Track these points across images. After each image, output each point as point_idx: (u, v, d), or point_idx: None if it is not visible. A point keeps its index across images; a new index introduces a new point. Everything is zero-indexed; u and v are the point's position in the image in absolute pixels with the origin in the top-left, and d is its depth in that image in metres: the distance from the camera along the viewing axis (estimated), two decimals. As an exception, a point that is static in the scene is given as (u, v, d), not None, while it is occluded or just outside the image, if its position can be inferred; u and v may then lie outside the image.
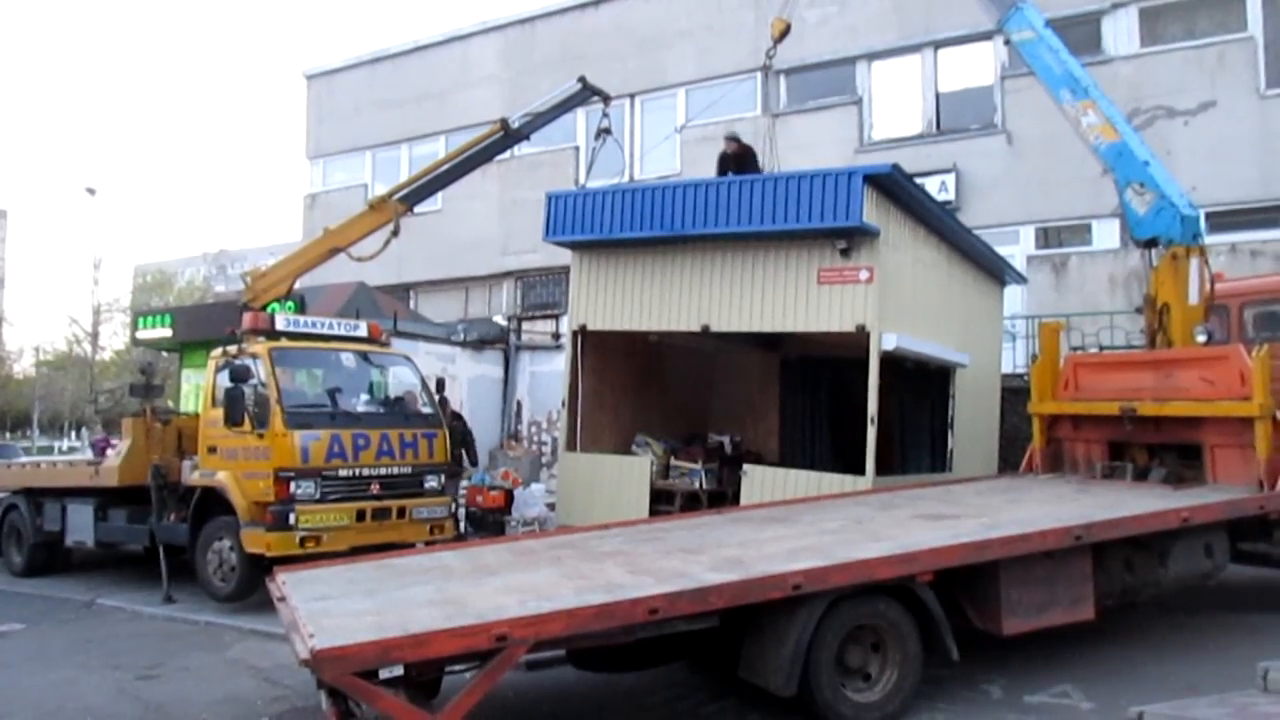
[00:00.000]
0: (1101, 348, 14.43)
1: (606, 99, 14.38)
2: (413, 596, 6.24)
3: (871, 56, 19.89)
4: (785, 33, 13.97)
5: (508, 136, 13.53)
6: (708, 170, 18.97)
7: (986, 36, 18.03)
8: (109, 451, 12.78)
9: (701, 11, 21.73)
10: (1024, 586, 7.15)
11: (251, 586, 10.27)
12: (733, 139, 13.51)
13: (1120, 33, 17.80)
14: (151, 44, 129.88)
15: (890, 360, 10.68)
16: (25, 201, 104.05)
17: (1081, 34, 17.34)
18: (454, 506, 12.11)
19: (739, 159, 13.28)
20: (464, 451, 13.73)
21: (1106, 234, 17.50)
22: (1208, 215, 13.87)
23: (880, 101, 19.89)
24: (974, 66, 19.03)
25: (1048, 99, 11.32)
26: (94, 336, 42.97)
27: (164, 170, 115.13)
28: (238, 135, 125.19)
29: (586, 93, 14.17)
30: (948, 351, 12.32)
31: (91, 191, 46.05)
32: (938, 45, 19.28)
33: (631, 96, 22.02)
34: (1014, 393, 14.57)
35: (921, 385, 12.65)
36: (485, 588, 6.38)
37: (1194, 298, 10.04)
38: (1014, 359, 16.63)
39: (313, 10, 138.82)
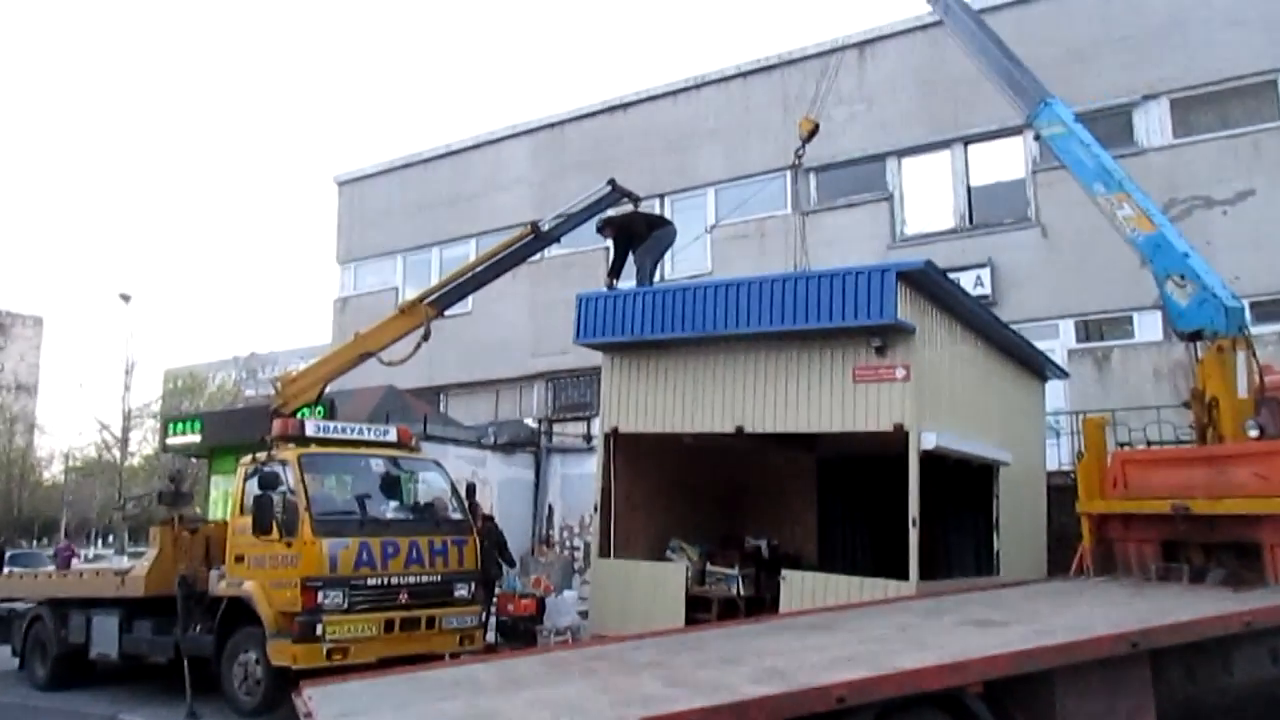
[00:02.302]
0: (1149, 443, 14.23)
1: (636, 200, 14.70)
2: (443, 711, 6.17)
3: (901, 153, 20.25)
4: (814, 132, 14.30)
5: (538, 239, 13.85)
6: (740, 269, 19.37)
7: (1016, 131, 18.33)
8: (74, 561, 12.82)
9: (730, 111, 22.33)
10: (1080, 697, 6.92)
11: (277, 701, 10.15)
12: (603, 224, 13.88)
13: (1152, 124, 18.03)
14: (185, 153, 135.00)
15: (930, 459, 10.60)
16: (61, 308, 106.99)
17: (1112, 126, 17.58)
18: (484, 615, 12.01)
19: (624, 237, 13.58)
20: (498, 553, 13.67)
21: (1149, 326, 17.43)
22: (1252, 305, 13.80)
23: (911, 197, 20.17)
24: (1005, 160, 19.30)
25: (1081, 191, 11.45)
26: (123, 442, 43.50)
27: (197, 275, 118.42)
28: (269, 240, 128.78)
29: (616, 194, 14.50)
30: (989, 449, 12.21)
31: (126, 298, 45.80)
32: (967, 141, 19.62)
33: (661, 196, 22.49)
34: (1060, 491, 14.35)
35: (964, 485, 12.52)
36: (517, 701, 6.30)
37: (1243, 390, 9.94)
38: (1059, 456, 16.41)
39: (343, 115, 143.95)
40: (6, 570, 18.41)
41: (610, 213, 14.64)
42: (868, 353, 10.71)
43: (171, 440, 20.74)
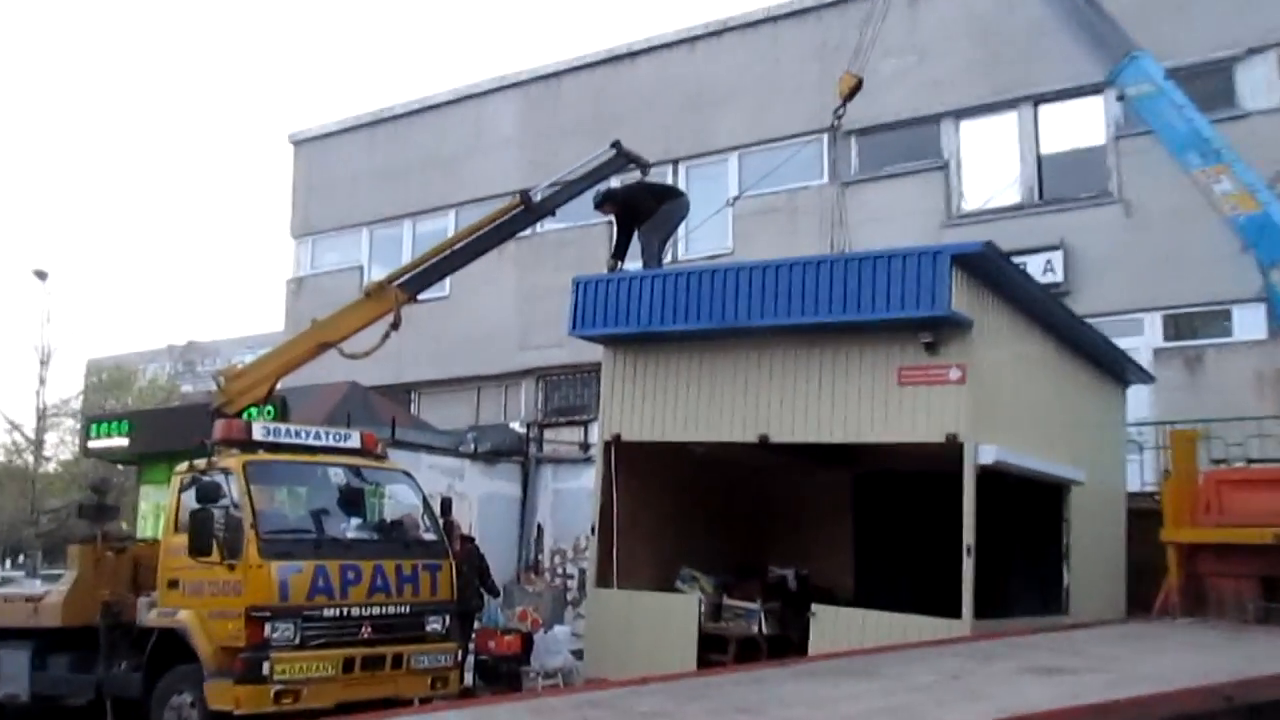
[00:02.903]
0: (1249, 461, 14.21)
1: (645, 167, 14.71)
2: (410, 766, 6.19)
3: (959, 114, 20.24)
4: (856, 89, 14.30)
5: (529, 212, 13.85)
6: (766, 250, 19.37)
7: (1096, 90, 18.29)
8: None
9: (757, 64, 22.35)
10: (1162, 760, 6.93)
11: (216, 751, 10.22)
12: (603, 197, 13.94)
13: (1257, 82, 17.98)
14: (111, 106, 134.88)
15: (989, 477, 10.63)
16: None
17: (1211, 86, 17.48)
18: (461, 654, 12.06)
19: (628, 212, 13.65)
20: (478, 581, 13.70)
21: (1250, 322, 17.40)
22: (1374, 300, 13.75)
23: (971, 166, 20.17)
24: (1082, 124, 19.29)
25: (1172, 161, 11.45)
26: (38, 445, 43.62)
27: (126, 249, 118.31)
28: (211, 210, 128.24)
29: (621, 160, 14.48)
30: (1058, 466, 12.23)
31: (42, 275, 45.14)
32: (1037, 100, 19.60)
33: (674, 163, 22.52)
34: (1142, 516, 14.34)
35: (1028, 508, 12.53)
36: (497, 756, 6.31)
37: (1361, 400, 9.95)
38: (1141, 474, 16.41)
39: (299, 63, 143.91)
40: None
41: (613, 182, 14.64)
42: (916, 350, 10.72)
43: (94, 444, 20.85)
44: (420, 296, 13.55)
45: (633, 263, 13.77)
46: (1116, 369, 15.06)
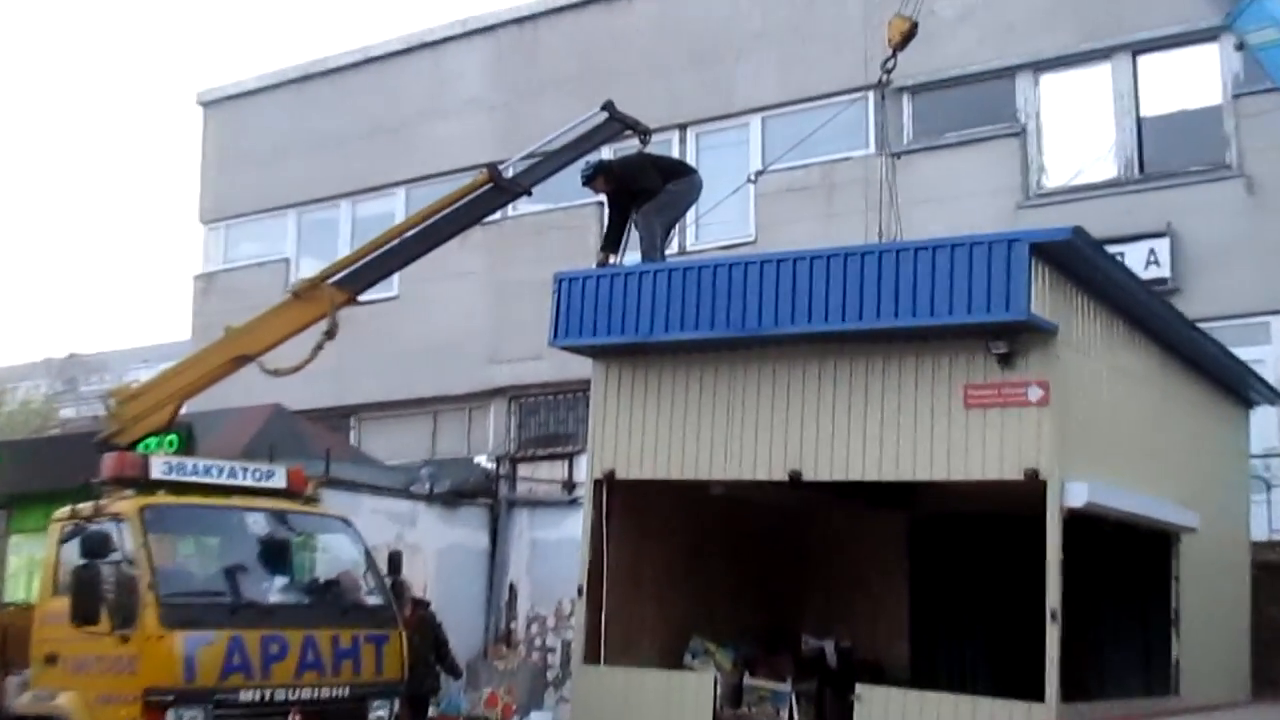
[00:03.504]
0: None
1: (645, 134, 14.77)
2: None
3: (1038, 66, 20.31)
4: (910, 36, 14.33)
5: (500, 190, 13.90)
6: (797, 238, 19.44)
7: (1210, 36, 18.36)
8: None
9: (785, 7, 22.43)
10: None
11: None
12: (593, 171, 13.93)
13: None
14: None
15: (1079, 523, 10.63)
16: None
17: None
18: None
19: (624, 191, 13.70)
20: (435, 656, 13.68)
21: (1405, 327, 17.48)
22: None
23: (1053, 132, 20.21)
24: (1192, 80, 19.34)
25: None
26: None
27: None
28: (97, 191, 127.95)
29: (615, 125, 14.57)
30: (1165, 508, 12.23)
31: None
32: (1136, 49, 19.66)
33: (681, 129, 22.63)
34: (1272, 571, 14.35)
35: (1126, 561, 12.54)
36: None
37: None
38: (1269, 518, 16.42)
39: (210, 7, 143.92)
40: None
41: (605, 154, 14.66)
42: (987, 364, 10.74)
43: (-48, 482, 20.76)
44: (362, 297, 13.56)
45: (630, 255, 13.81)
46: (1238, 386, 15.06)
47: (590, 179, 13.98)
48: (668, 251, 13.94)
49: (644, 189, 13.57)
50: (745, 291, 11.64)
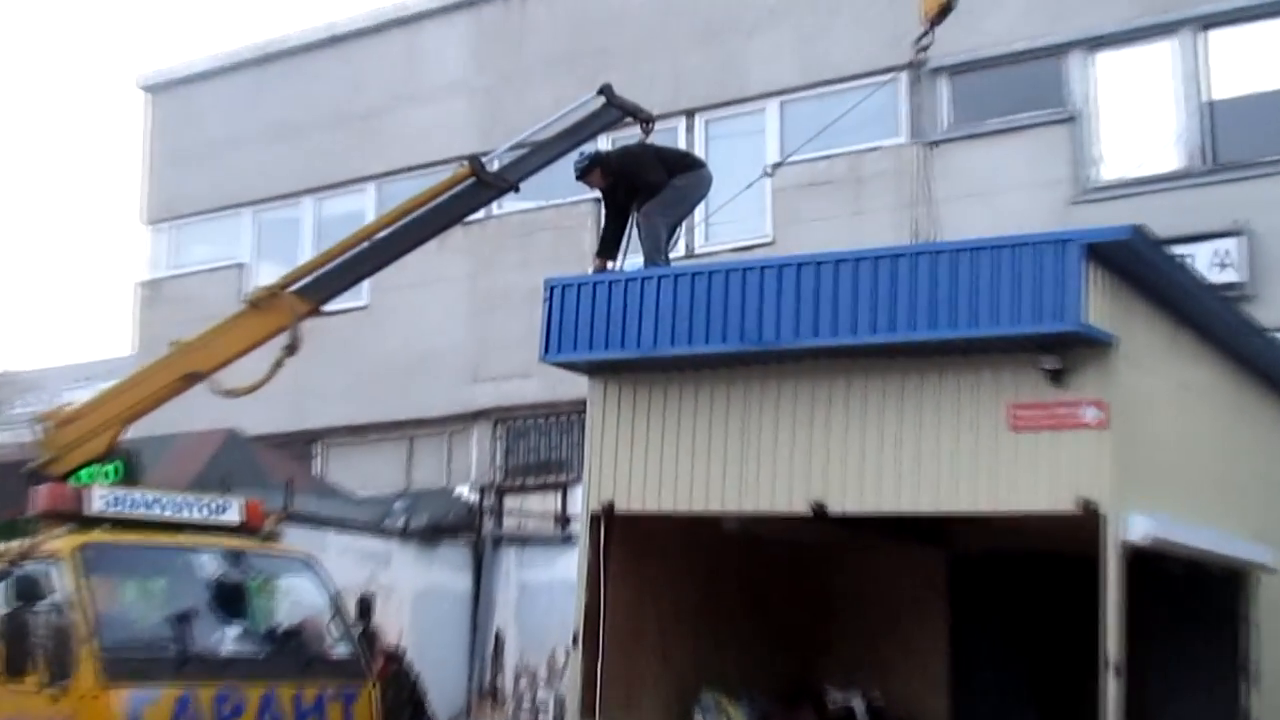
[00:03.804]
0: None
1: (647, 122, 14.80)
2: None
3: (1093, 43, 20.29)
4: (947, 9, 14.31)
5: (483, 185, 13.93)
6: (818, 239, 19.40)
7: (1285, 9, 18.40)
8: None
9: (805, -26, 22.46)
10: None
11: None
12: (588, 164, 13.93)
13: None
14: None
15: (1141, 561, 10.61)
16: None
17: None
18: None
19: (623, 187, 13.74)
20: (411, 714, 13.67)
21: None
22: None
23: (1109, 119, 20.18)
24: (1268, 58, 19.32)
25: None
26: None
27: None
28: (26, 187, 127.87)
29: (612, 112, 14.62)
30: (1239, 543, 12.19)
31: None
32: (1205, 23, 19.63)
33: (688, 116, 22.66)
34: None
35: (1195, 603, 12.50)
36: None
37: None
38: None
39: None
40: None
41: (602, 144, 14.67)
42: (1036, 381, 10.71)
43: None
44: (327, 307, 13.61)
45: (631, 258, 13.83)
46: (1321, 405, 15.05)
47: (585, 173, 13.98)
48: (673, 255, 13.91)
49: (646, 184, 13.57)
50: (762, 300, 11.60)
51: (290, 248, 25.31)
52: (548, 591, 17.69)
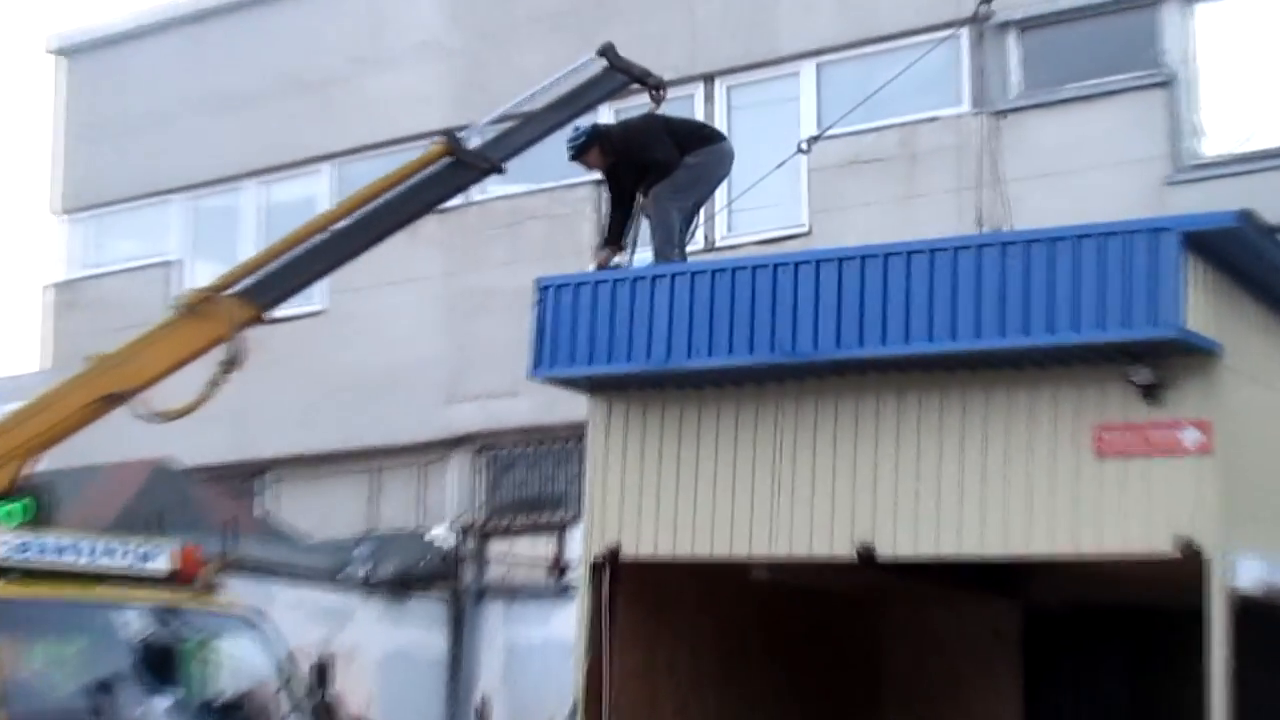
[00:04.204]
0: None
1: (657, 88, 14.75)
2: None
3: (1192, -8, 20.28)
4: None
5: (461, 166, 13.93)
6: (862, 228, 19.40)
7: None
8: None
9: (845, -88, 22.44)
10: None
11: None
12: (585, 140, 13.92)
13: None
14: None
15: (1254, 612, 10.58)
16: None
17: None
18: None
19: (628, 166, 13.77)
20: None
21: None
22: None
23: (1212, 82, 20.16)
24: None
25: None
26: None
27: None
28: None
29: (616, 77, 14.60)
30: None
31: None
32: (1326, -38, 19.61)
33: (707, 80, 22.62)
34: None
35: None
36: None
37: None
38: None
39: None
40: None
41: (603, 116, 14.63)
42: (1124, 398, 10.73)
43: None
44: (275, 312, 13.59)
45: (641, 253, 13.83)
46: None
47: (582, 151, 13.97)
48: (690, 248, 13.91)
49: (655, 163, 13.55)
50: (796, 302, 11.61)
51: (231, 241, 25.33)
52: (541, 653, 17.69)
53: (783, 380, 11.94)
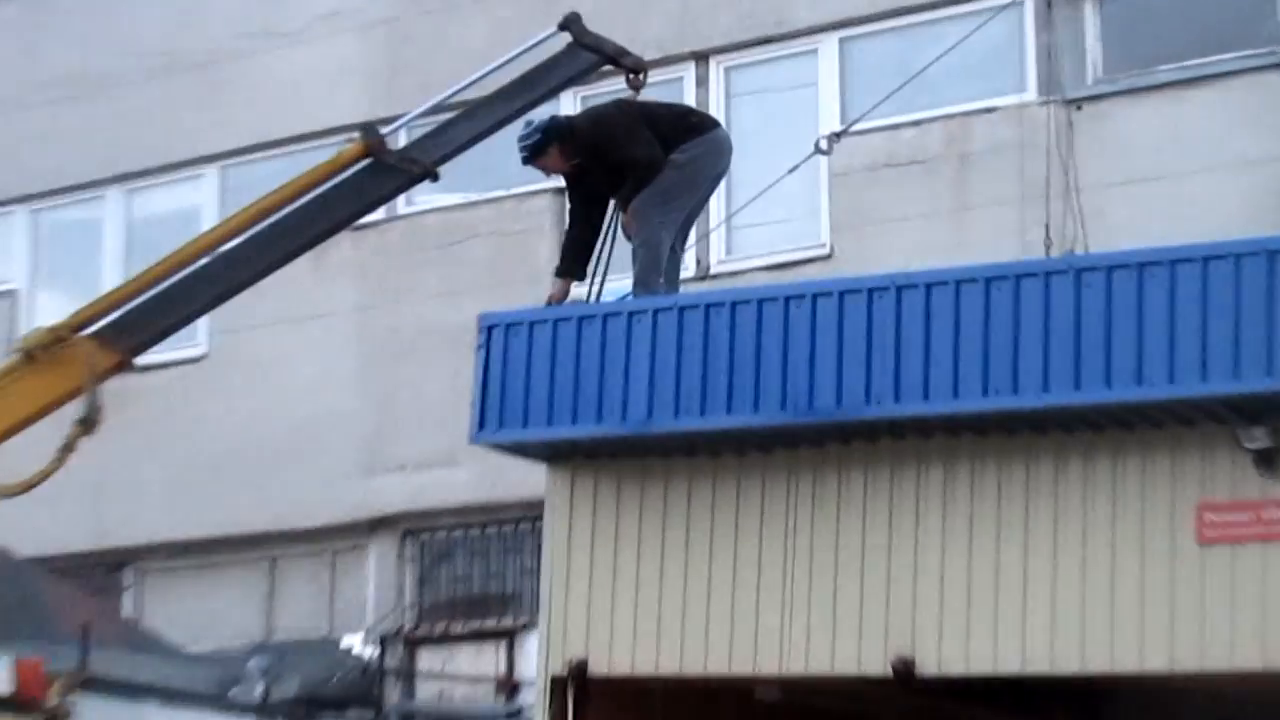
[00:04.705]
0: None
1: (635, 71, 14.76)
2: None
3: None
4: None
5: (383, 170, 13.92)
6: (902, 248, 19.45)
7: None
8: None
9: None
10: None
11: None
12: (542, 136, 13.91)
13: None
14: None
15: None
16: None
17: None
18: None
19: (593, 164, 13.83)
20: None
21: None
22: None
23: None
24: None
25: None
26: None
27: None
28: None
29: (581, 57, 14.58)
30: None
31: None
32: None
33: (699, 59, 22.73)
34: None
35: None
36: None
37: None
38: None
39: None
40: None
41: (564, 106, 14.64)
42: (1234, 468, 10.75)
43: None
44: (145, 358, 13.57)
45: (614, 285, 13.82)
46: None
47: (538, 150, 13.92)
48: (681, 276, 13.90)
49: (634, 163, 13.52)
50: (814, 345, 11.59)
51: (87, 266, 25.32)
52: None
53: (797, 447, 11.92)
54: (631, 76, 14.67)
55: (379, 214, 17.11)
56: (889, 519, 11.62)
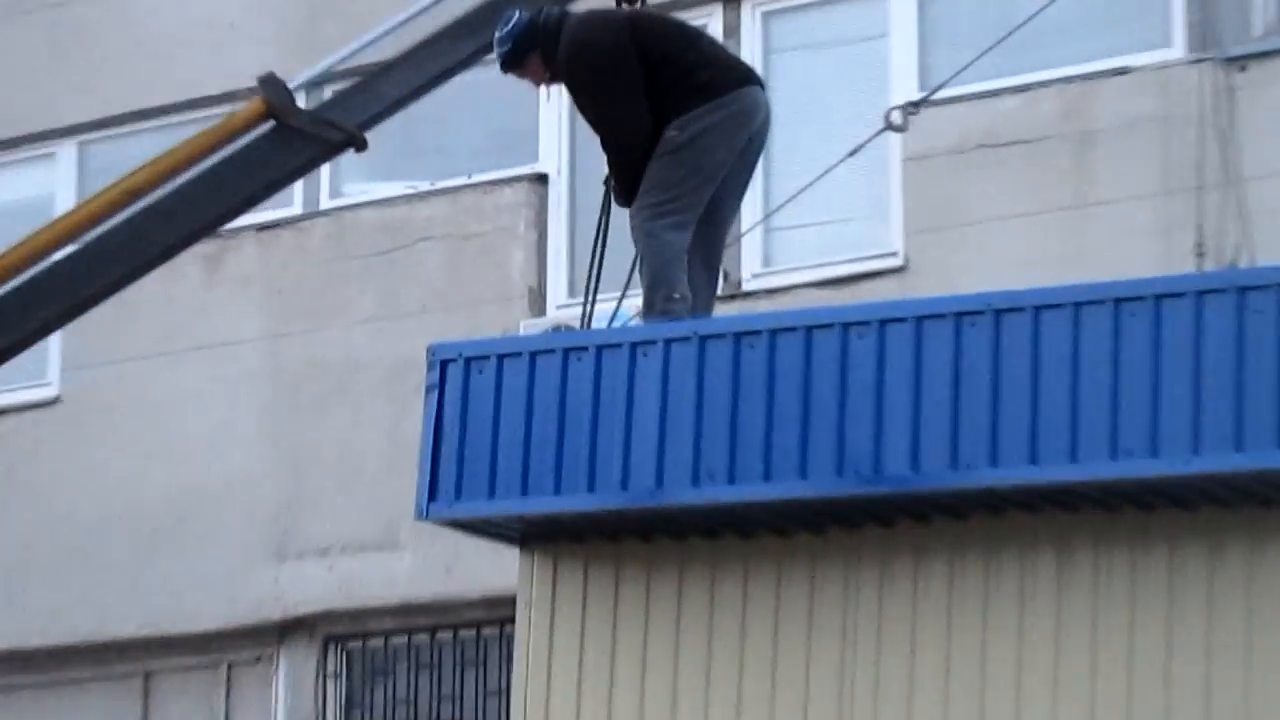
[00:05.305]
0: None
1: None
2: None
3: None
4: None
5: (290, 137, 13.93)
6: (1003, 255, 19.49)
7: None
8: None
9: None
10: None
11: None
12: (519, 37, 13.53)
13: None
14: None
15: None
16: None
17: None
18: None
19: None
20: None
21: None
22: None
23: None
24: None
25: None
26: None
27: None
28: None
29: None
30: None
31: None
32: None
33: (729, 2, 22.68)
34: None
35: None
36: None
37: None
38: None
39: None
40: None
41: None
42: None
43: None
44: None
45: (607, 304, 13.85)
46: None
47: (510, 60, 13.67)
48: (716, 289, 13.89)
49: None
50: (881, 391, 11.66)
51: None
52: None
53: (858, 526, 11.96)
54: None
55: (295, 207, 17.22)
56: (983, 621, 11.63)
